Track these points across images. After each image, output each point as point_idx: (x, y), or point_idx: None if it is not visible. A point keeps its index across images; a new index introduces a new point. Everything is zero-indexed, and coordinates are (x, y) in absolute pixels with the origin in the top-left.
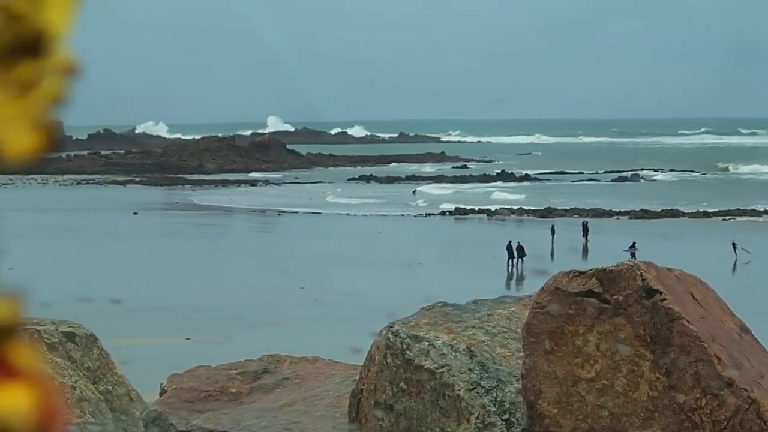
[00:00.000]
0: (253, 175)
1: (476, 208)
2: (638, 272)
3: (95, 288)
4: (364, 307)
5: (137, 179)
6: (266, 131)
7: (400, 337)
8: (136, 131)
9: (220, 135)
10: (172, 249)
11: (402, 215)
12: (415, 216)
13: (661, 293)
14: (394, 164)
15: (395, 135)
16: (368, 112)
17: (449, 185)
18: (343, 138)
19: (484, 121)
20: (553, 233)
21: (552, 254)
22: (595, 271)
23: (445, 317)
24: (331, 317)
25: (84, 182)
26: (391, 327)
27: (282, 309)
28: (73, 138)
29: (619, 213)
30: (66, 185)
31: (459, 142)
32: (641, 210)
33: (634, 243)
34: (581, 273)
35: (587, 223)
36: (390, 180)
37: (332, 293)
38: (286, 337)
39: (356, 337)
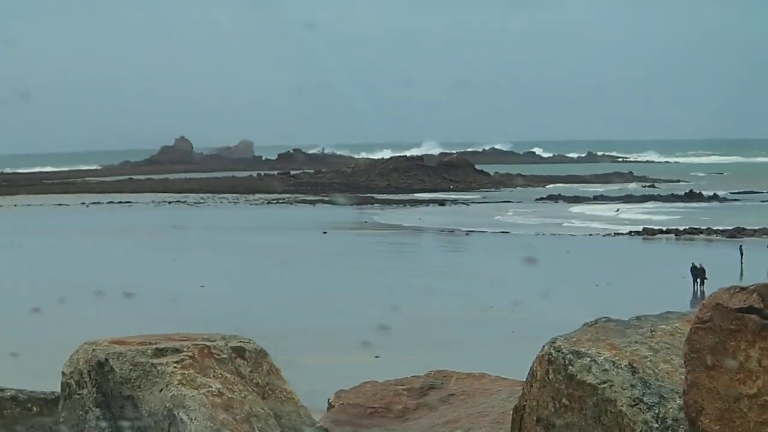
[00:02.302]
0: (442, 194)
1: (664, 228)
2: None
3: (287, 306)
4: (549, 325)
5: (326, 199)
6: (454, 151)
7: (562, 352)
8: (325, 151)
9: (408, 154)
10: (362, 268)
11: (590, 235)
12: (603, 236)
13: None
14: (581, 185)
15: (583, 155)
16: (557, 132)
17: (636, 205)
18: (531, 158)
19: (676, 140)
20: (741, 254)
21: (741, 275)
22: (757, 287)
23: (608, 333)
24: (517, 335)
25: (274, 201)
26: (553, 343)
27: (469, 327)
28: (263, 158)
29: None
30: (256, 204)
31: (647, 162)
32: None
33: None
34: (742, 289)
35: None
36: (578, 200)
37: (520, 312)
38: (471, 353)
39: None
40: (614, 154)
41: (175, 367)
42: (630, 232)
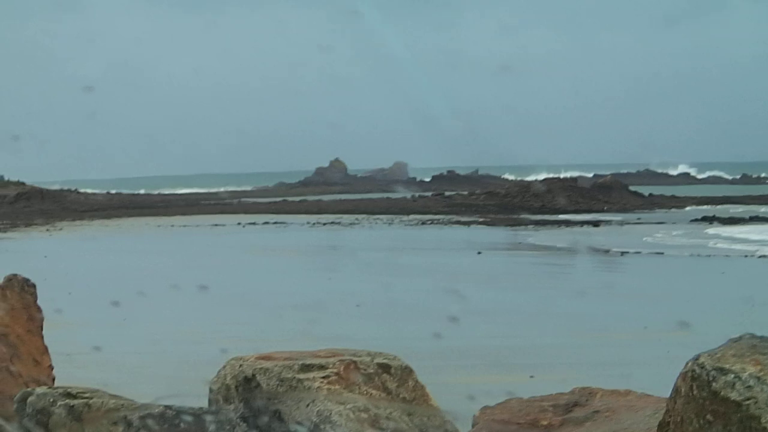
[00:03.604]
0: (596, 215)
1: None
2: None
3: (440, 326)
4: (704, 344)
5: (480, 220)
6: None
7: (706, 369)
8: (479, 173)
9: (561, 176)
10: (516, 289)
11: (745, 256)
12: (759, 257)
13: None
14: (736, 206)
15: (738, 176)
16: (710, 153)
17: None
18: (686, 179)
19: None
20: None
21: None
22: None
23: (752, 349)
24: (670, 356)
25: (428, 222)
26: (696, 359)
27: (622, 348)
28: (418, 179)
29: None
30: (411, 225)
31: None
32: None
33: None
34: None
35: None
36: (733, 221)
37: (675, 333)
38: (622, 373)
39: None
40: None
41: (321, 382)
42: None
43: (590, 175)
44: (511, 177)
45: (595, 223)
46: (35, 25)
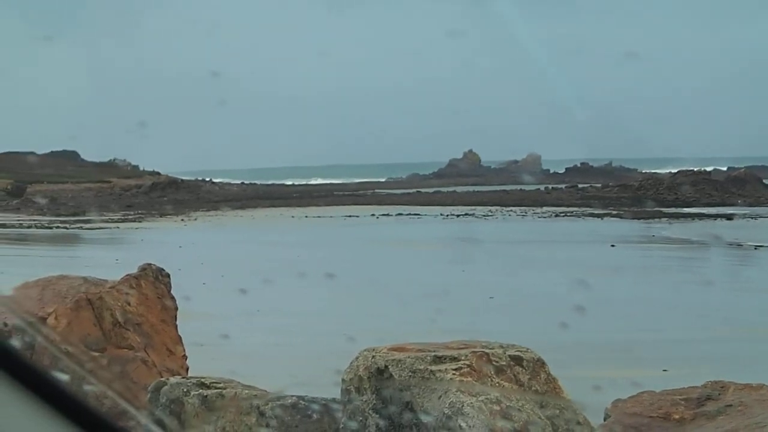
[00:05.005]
0: (729, 209)
1: None
2: None
3: (574, 319)
4: None
5: (614, 212)
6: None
7: None
8: (613, 165)
9: (695, 169)
10: (649, 282)
11: None
12: None
13: None
14: None
15: None
16: None
17: None
18: None
19: None
20: None
21: None
22: None
23: None
24: None
25: (562, 215)
26: None
27: (755, 342)
28: (551, 172)
29: None
30: (544, 217)
31: None
32: None
33: None
34: None
35: None
36: None
37: None
38: (756, 369)
39: None
40: None
41: (453, 374)
42: None
43: (724, 168)
44: (645, 169)
45: (729, 217)
46: (168, 14)
